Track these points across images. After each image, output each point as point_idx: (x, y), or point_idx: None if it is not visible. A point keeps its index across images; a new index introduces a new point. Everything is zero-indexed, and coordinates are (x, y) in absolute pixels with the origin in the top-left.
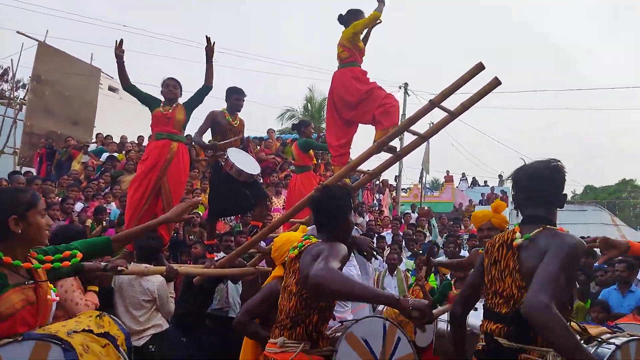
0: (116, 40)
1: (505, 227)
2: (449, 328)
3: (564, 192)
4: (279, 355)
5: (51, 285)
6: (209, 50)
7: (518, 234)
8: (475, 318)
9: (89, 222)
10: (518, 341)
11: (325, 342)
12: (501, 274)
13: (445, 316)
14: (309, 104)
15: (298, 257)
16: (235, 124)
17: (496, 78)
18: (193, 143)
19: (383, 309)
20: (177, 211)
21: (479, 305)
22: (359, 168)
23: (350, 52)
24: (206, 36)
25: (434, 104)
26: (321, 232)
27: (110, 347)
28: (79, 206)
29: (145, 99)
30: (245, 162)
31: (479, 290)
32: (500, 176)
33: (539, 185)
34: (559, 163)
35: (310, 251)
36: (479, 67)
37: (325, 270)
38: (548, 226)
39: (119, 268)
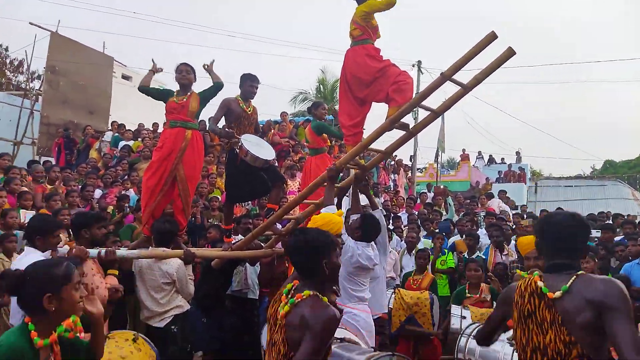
0: (156, 64)
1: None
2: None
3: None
4: None
5: None
6: (209, 68)
7: (540, 283)
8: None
9: (110, 208)
10: None
11: None
12: (539, 327)
13: (457, 312)
14: (321, 86)
15: (288, 313)
16: (249, 111)
17: (510, 48)
18: (209, 130)
19: (391, 297)
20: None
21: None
22: (372, 147)
23: (363, 29)
24: (212, 59)
25: (446, 77)
26: (303, 279)
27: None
28: (97, 193)
29: (159, 95)
30: (259, 148)
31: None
32: (517, 153)
33: (569, 238)
34: (583, 218)
35: (297, 313)
36: (492, 37)
37: None
38: (580, 272)
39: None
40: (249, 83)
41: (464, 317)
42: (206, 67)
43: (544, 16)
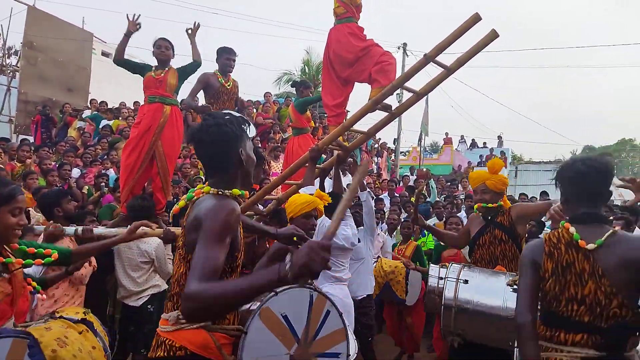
0: (133, 15)
1: (503, 189)
2: (438, 284)
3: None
4: (173, 335)
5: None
6: (192, 33)
7: (572, 229)
8: (466, 292)
9: (85, 188)
10: (610, 350)
11: (234, 317)
12: (579, 278)
13: (434, 272)
14: (306, 67)
15: (184, 211)
16: (228, 85)
17: (494, 30)
18: (186, 106)
19: (374, 265)
20: (131, 236)
21: (471, 278)
22: (354, 128)
23: (347, 7)
24: (194, 22)
25: (429, 58)
26: (208, 173)
27: (88, 333)
28: (76, 172)
29: (137, 68)
30: None
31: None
32: (499, 137)
33: (603, 181)
34: (612, 160)
35: (196, 206)
36: (475, 19)
37: (192, 302)
38: (617, 229)
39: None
40: (225, 56)
41: (442, 278)
42: (189, 31)
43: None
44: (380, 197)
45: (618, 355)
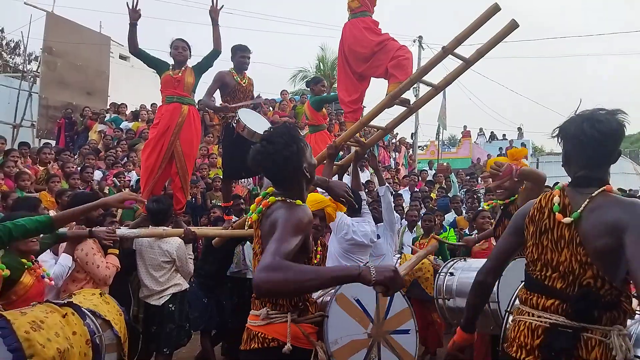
0: (131, 2)
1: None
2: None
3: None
4: (264, 328)
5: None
6: (214, 12)
7: (556, 199)
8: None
9: (107, 189)
10: (580, 320)
11: (314, 308)
12: (555, 245)
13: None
14: (321, 64)
15: (259, 221)
16: (244, 83)
17: (513, 20)
18: (203, 106)
19: (396, 263)
20: (119, 198)
21: (458, 270)
22: (372, 124)
23: (361, 1)
24: (212, 1)
25: (447, 51)
26: (276, 187)
27: (71, 316)
28: (98, 175)
29: (154, 63)
30: (257, 123)
31: (512, 257)
32: (519, 129)
33: (609, 144)
34: (622, 115)
35: (269, 216)
36: (495, 9)
37: (267, 272)
38: (604, 189)
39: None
40: (239, 54)
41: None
42: (213, 12)
43: None
44: (399, 192)
45: (589, 326)
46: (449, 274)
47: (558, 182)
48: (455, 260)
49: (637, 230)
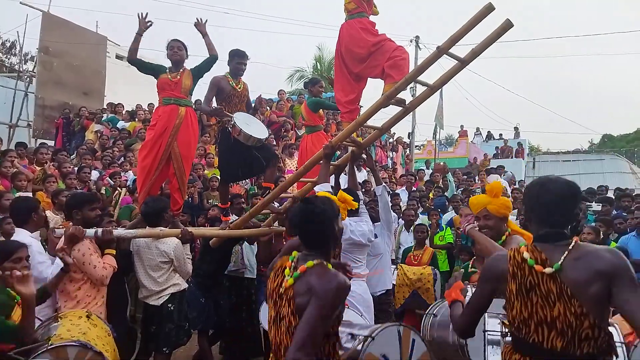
0: (141, 14)
1: (506, 214)
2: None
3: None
4: None
5: None
6: (200, 26)
7: (526, 255)
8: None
9: (103, 189)
10: None
11: None
12: (545, 300)
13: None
14: (318, 64)
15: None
16: (239, 88)
17: (508, 20)
18: (200, 111)
19: (394, 273)
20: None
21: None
22: (368, 123)
23: (358, 2)
24: (196, 18)
25: (442, 51)
26: (308, 248)
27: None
28: (95, 174)
29: (150, 69)
30: (252, 127)
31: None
32: (516, 128)
33: (566, 208)
34: (578, 187)
35: (304, 282)
36: (488, 9)
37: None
38: (576, 241)
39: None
40: (236, 60)
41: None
42: (198, 26)
43: None
44: (396, 192)
45: None
46: (432, 315)
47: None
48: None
49: (625, 276)
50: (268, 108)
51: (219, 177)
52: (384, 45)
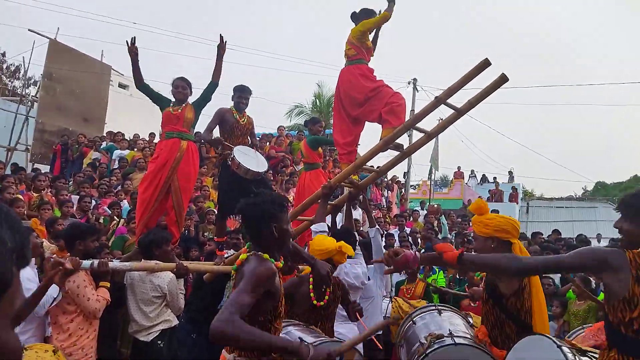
0: (130, 39)
1: (493, 234)
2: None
3: None
4: None
5: None
6: (222, 48)
7: None
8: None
9: (102, 218)
10: None
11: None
12: None
13: None
14: (317, 100)
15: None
16: (243, 121)
17: (503, 75)
18: (200, 139)
19: (387, 307)
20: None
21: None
22: (366, 166)
23: (358, 49)
24: (220, 35)
25: (440, 101)
26: (252, 242)
27: None
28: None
29: (157, 98)
30: (251, 161)
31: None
32: (510, 172)
33: None
34: None
35: (240, 273)
36: (485, 64)
37: (222, 323)
38: None
39: None
40: (237, 95)
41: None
42: (220, 47)
43: (535, 35)
44: (390, 232)
45: None
46: (412, 321)
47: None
48: (429, 309)
49: None
50: (267, 143)
51: (218, 209)
52: (381, 91)
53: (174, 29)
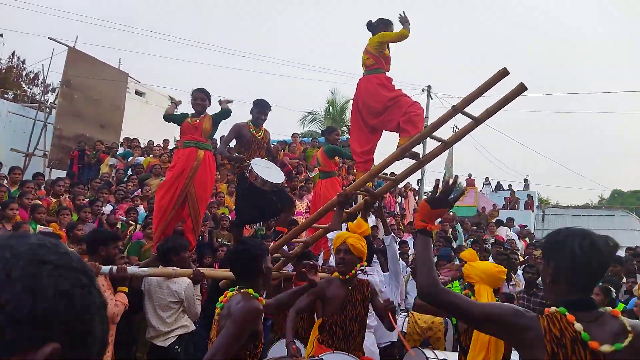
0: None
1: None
2: None
3: None
4: None
5: None
6: (222, 104)
7: (578, 326)
8: None
9: (119, 224)
10: None
11: None
12: None
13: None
14: (330, 107)
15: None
16: (259, 135)
17: (522, 84)
18: (219, 154)
19: (403, 323)
20: None
21: None
22: (382, 174)
23: (376, 59)
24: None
25: (457, 110)
26: (238, 281)
27: None
28: (108, 208)
29: (176, 120)
30: (269, 172)
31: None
32: (525, 180)
33: (605, 268)
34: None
35: (226, 307)
36: (503, 73)
37: None
38: (616, 313)
39: None
40: (257, 110)
41: None
42: (222, 103)
43: (555, 43)
44: (404, 240)
45: None
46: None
47: None
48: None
49: None
50: (281, 150)
51: (236, 219)
52: (399, 101)
53: (190, 37)
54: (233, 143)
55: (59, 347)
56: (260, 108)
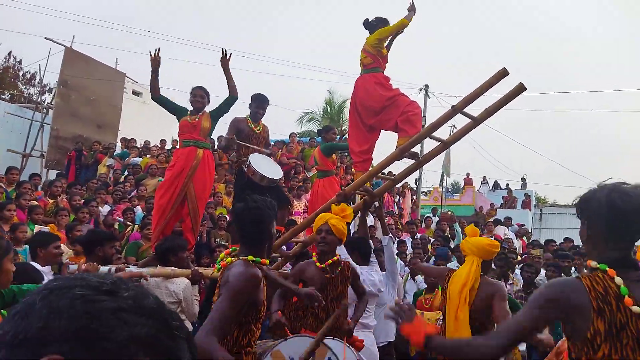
0: (153, 50)
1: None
2: None
3: None
4: None
5: None
6: (224, 62)
7: (618, 279)
8: None
9: (116, 224)
10: None
11: (250, 358)
12: (637, 343)
13: None
14: (328, 107)
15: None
16: (258, 130)
17: (521, 84)
18: (219, 145)
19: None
20: None
21: None
22: (380, 174)
23: (374, 57)
24: (222, 48)
25: (456, 110)
26: (243, 245)
27: None
28: (106, 209)
29: (173, 109)
30: (267, 168)
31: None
32: (523, 179)
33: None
34: None
35: (224, 275)
36: (503, 74)
37: (203, 341)
38: None
39: None
40: (255, 105)
41: None
42: (222, 60)
43: (553, 42)
44: (402, 239)
45: None
46: None
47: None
48: None
49: None
50: (279, 150)
51: (232, 217)
52: (397, 100)
53: (189, 37)
54: None
55: None
56: (259, 103)
